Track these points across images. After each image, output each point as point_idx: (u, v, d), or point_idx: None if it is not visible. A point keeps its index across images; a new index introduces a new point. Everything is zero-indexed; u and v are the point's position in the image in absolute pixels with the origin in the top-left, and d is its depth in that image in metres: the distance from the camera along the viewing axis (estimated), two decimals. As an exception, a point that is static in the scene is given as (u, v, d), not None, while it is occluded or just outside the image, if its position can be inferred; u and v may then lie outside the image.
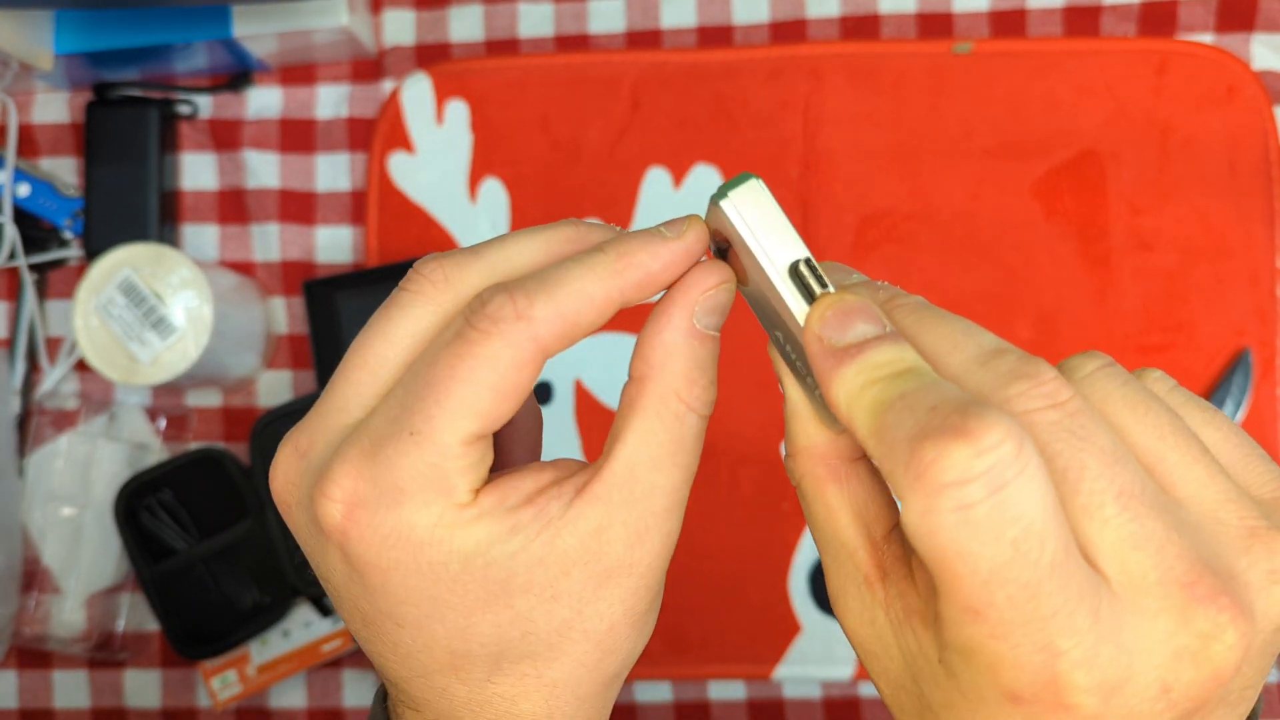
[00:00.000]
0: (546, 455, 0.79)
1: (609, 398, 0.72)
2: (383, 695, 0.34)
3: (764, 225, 0.29)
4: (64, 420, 0.73)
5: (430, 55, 0.75)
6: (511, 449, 0.35)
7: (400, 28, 0.75)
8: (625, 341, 0.72)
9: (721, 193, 0.29)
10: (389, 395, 0.29)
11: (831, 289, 0.29)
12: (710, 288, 0.31)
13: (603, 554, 0.30)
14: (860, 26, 0.73)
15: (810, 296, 0.29)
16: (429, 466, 0.28)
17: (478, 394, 0.28)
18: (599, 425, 0.72)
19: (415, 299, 0.31)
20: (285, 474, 0.31)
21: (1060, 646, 0.24)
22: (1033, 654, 0.24)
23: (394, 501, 0.28)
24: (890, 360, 0.26)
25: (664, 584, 0.32)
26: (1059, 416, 0.25)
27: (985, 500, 0.23)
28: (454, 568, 0.29)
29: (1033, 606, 0.23)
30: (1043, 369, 0.25)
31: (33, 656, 0.74)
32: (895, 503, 0.31)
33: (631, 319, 0.74)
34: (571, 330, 0.29)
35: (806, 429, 0.31)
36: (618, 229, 0.32)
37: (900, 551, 0.30)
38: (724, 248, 0.31)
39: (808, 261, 0.29)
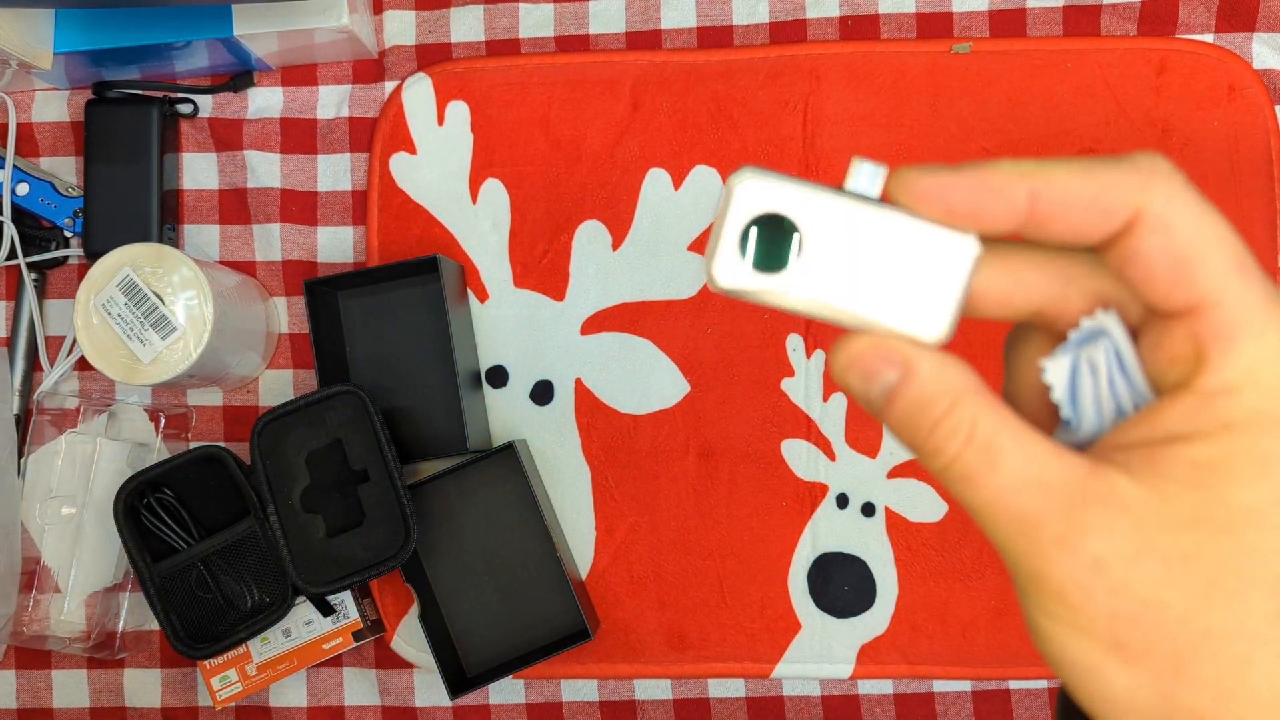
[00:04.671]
0: (547, 453, 0.80)
1: (609, 397, 0.72)
2: None
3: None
4: (64, 420, 0.73)
5: (431, 56, 0.75)
6: None
7: (401, 28, 0.75)
8: (626, 341, 0.72)
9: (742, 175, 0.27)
10: None
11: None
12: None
13: None
14: (860, 26, 0.73)
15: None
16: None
17: None
18: (599, 425, 0.72)
19: None
20: None
21: None
22: None
23: None
24: None
25: None
26: None
27: None
28: None
29: None
30: None
31: (32, 656, 0.74)
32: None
33: (635, 319, 0.75)
34: None
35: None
36: None
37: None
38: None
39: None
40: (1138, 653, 0.25)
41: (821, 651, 0.71)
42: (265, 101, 0.75)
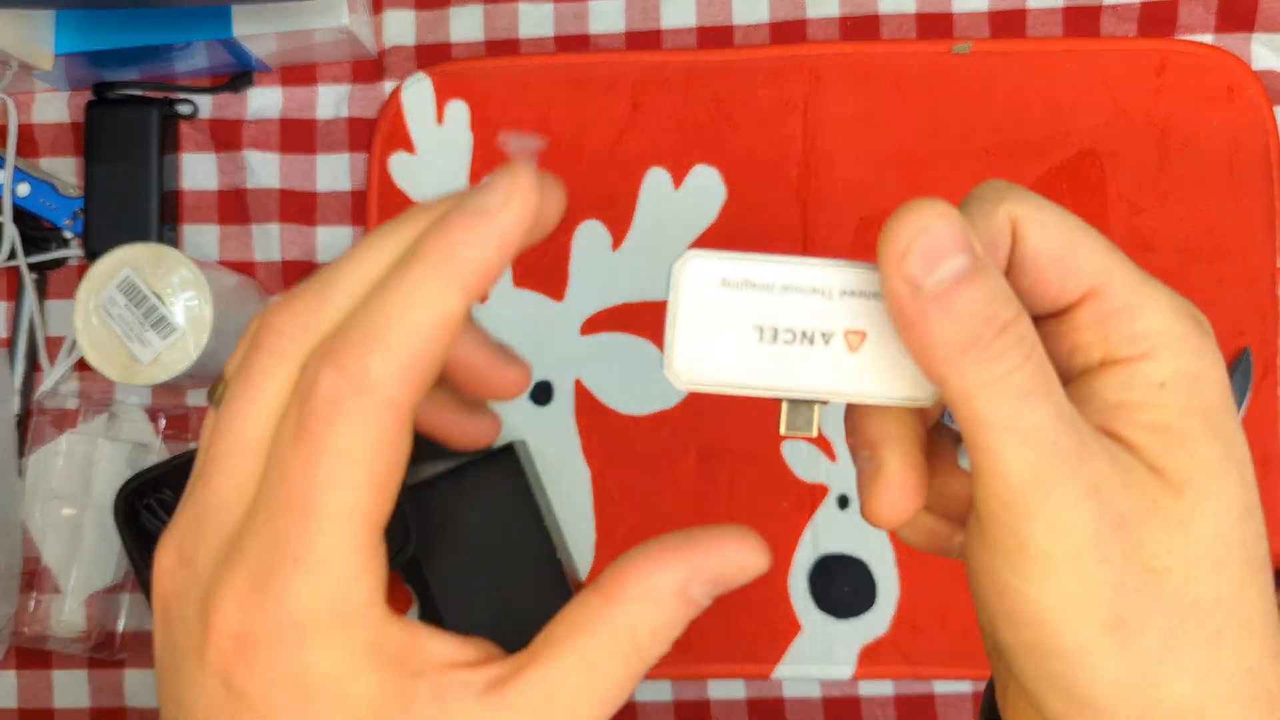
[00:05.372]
0: (546, 454, 0.79)
1: (609, 397, 0.72)
2: None
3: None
4: (64, 420, 0.73)
5: (431, 55, 0.75)
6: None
7: (401, 28, 0.75)
8: (627, 341, 0.72)
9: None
10: (257, 504, 0.25)
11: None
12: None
13: None
14: (860, 27, 0.73)
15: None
16: (331, 602, 0.25)
17: (353, 497, 0.25)
18: (599, 425, 0.72)
19: (275, 363, 0.26)
20: (171, 585, 0.26)
21: None
22: None
23: (294, 642, 0.25)
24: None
25: None
26: None
27: None
28: None
29: None
30: None
31: (32, 656, 0.74)
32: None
33: (635, 319, 0.75)
34: (426, 370, 0.25)
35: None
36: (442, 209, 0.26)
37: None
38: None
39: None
40: (1133, 631, 0.24)
41: (822, 652, 0.71)
42: (264, 102, 0.75)
